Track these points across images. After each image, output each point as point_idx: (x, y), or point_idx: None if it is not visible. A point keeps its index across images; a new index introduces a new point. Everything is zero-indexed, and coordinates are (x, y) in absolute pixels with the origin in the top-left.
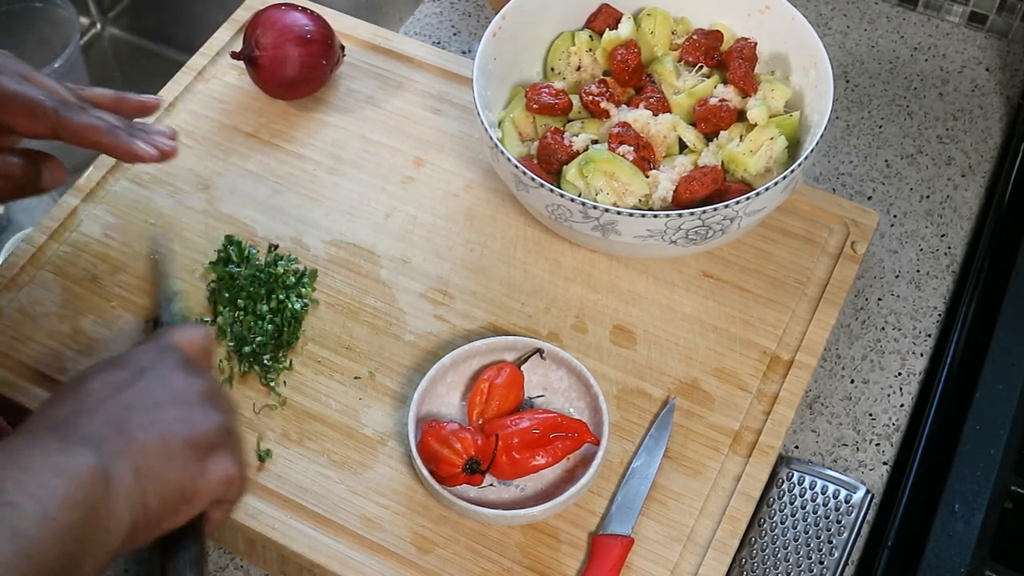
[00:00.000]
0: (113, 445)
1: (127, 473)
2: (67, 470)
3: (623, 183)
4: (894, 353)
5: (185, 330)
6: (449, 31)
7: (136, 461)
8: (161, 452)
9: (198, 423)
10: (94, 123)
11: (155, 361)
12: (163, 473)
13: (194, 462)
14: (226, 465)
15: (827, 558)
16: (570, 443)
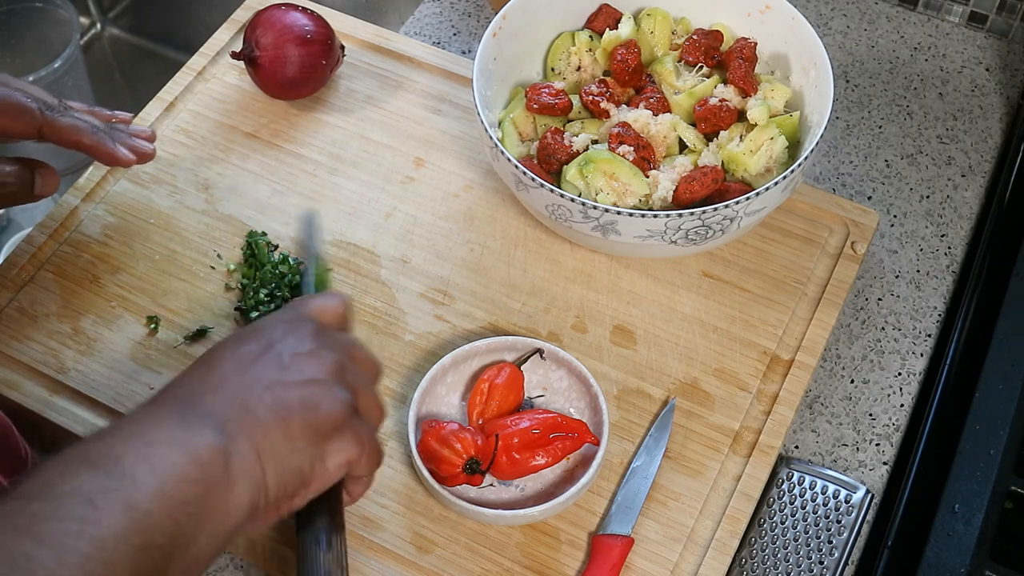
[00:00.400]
0: (235, 424)
1: (248, 453)
2: (187, 447)
3: (623, 183)
4: (894, 353)
5: (320, 298)
6: (449, 31)
7: (258, 442)
8: (282, 434)
9: (322, 405)
10: (77, 124)
11: (286, 333)
12: (282, 456)
13: (313, 446)
14: (346, 449)
15: (827, 558)
16: (570, 443)
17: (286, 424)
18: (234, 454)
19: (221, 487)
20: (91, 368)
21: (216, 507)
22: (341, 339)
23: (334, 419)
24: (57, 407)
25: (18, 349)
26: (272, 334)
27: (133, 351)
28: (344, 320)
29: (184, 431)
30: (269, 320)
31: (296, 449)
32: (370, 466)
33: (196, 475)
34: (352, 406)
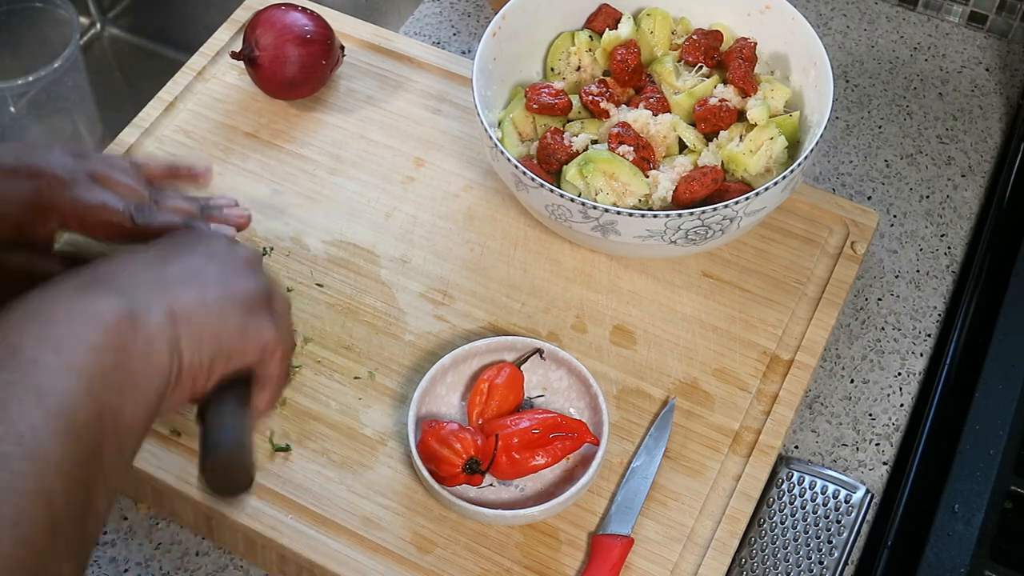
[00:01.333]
0: (144, 291)
1: (160, 315)
2: (90, 315)
3: (623, 183)
4: (894, 353)
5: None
6: (449, 31)
7: (171, 305)
8: (198, 300)
9: (238, 282)
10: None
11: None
12: (200, 320)
13: (232, 317)
14: (265, 328)
15: (827, 558)
16: (570, 443)
17: (201, 293)
18: (143, 315)
19: (135, 350)
20: None
21: (135, 372)
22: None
23: (252, 296)
24: None
25: None
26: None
27: None
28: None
29: (83, 299)
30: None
31: (211, 314)
32: (282, 367)
33: (105, 342)
34: (267, 292)
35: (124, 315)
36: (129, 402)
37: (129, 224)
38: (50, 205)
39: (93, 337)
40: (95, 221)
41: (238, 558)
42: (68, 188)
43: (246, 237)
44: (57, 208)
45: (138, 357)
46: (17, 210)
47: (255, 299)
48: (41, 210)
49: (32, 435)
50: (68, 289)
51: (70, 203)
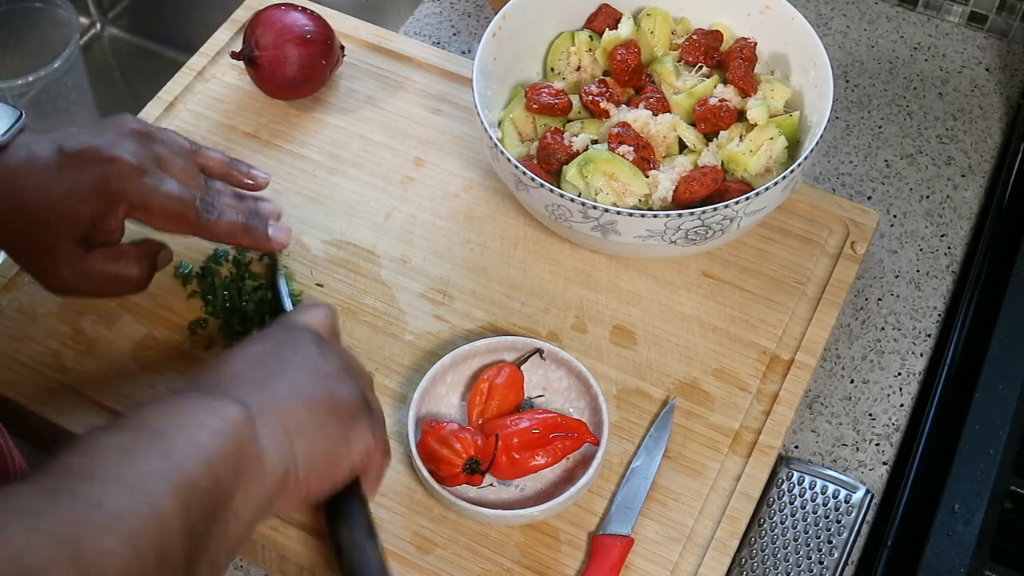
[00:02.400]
0: (259, 402)
1: (276, 426)
2: (213, 411)
3: (623, 183)
4: (894, 353)
5: (310, 309)
6: (449, 31)
7: (284, 418)
8: (307, 414)
9: (339, 393)
10: (233, 227)
11: (290, 337)
12: (310, 434)
13: (337, 430)
14: (366, 436)
15: (827, 558)
16: (570, 443)
17: (310, 406)
18: (262, 425)
19: (252, 446)
20: (91, 368)
21: (251, 465)
22: (337, 347)
23: (352, 407)
24: (57, 407)
25: (18, 349)
26: (277, 339)
27: (133, 351)
28: (334, 329)
29: (206, 400)
30: (270, 329)
31: (322, 429)
32: (383, 461)
33: (228, 431)
34: (364, 397)
35: (245, 420)
36: (241, 491)
37: (193, 222)
38: (120, 194)
39: (217, 426)
40: (160, 211)
41: (238, 558)
42: (137, 175)
43: None
44: (127, 197)
45: (254, 454)
46: (90, 201)
47: (353, 409)
48: (112, 200)
49: (153, 491)
50: (191, 394)
51: (137, 191)
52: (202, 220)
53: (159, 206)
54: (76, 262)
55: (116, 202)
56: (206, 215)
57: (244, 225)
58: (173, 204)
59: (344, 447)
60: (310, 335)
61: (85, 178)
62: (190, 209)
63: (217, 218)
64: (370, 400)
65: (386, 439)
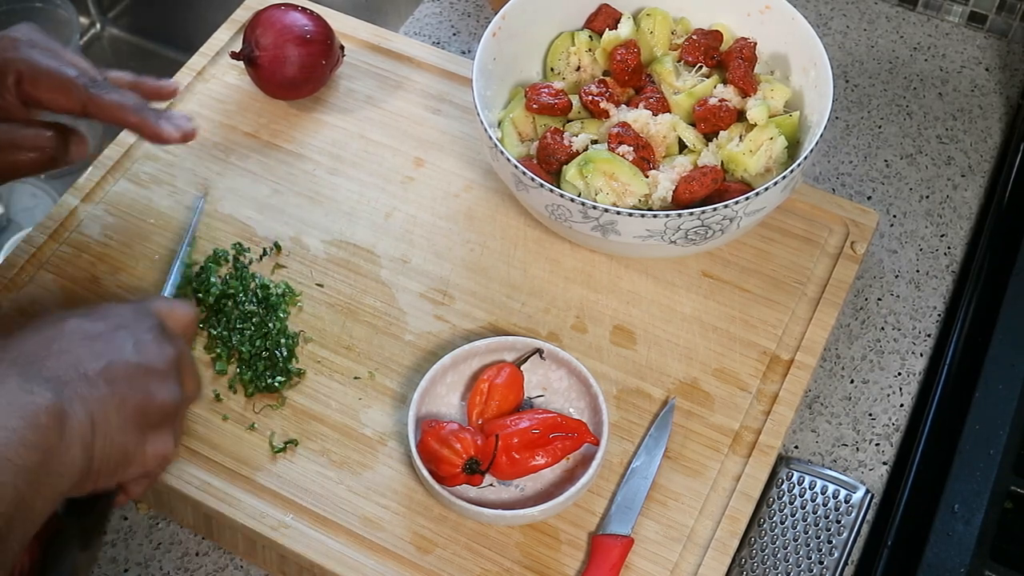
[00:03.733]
0: (75, 388)
1: (84, 419)
2: (27, 410)
3: (623, 183)
4: (894, 353)
5: (172, 303)
6: (449, 31)
7: (93, 410)
8: (117, 410)
9: (157, 394)
10: (123, 101)
11: (132, 321)
12: (113, 429)
13: (140, 431)
14: (166, 443)
15: (827, 558)
16: (570, 443)
17: (122, 401)
18: (70, 416)
19: (57, 450)
20: None
21: (52, 470)
22: (179, 346)
23: (165, 410)
24: None
25: None
26: (119, 319)
27: None
28: (189, 330)
29: (24, 393)
30: (117, 306)
31: (125, 427)
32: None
33: (35, 440)
34: (179, 405)
35: (55, 414)
36: (41, 497)
37: (82, 96)
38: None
39: (25, 435)
40: (48, 84)
41: (238, 558)
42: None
43: (247, 237)
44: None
45: (58, 457)
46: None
47: (167, 413)
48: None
49: None
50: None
51: (25, 61)
52: (91, 91)
53: (46, 79)
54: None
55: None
56: (95, 88)
57: (134, 106)
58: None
59: (141, 448)
60: (153, 323)
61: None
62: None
63: (105, 92)
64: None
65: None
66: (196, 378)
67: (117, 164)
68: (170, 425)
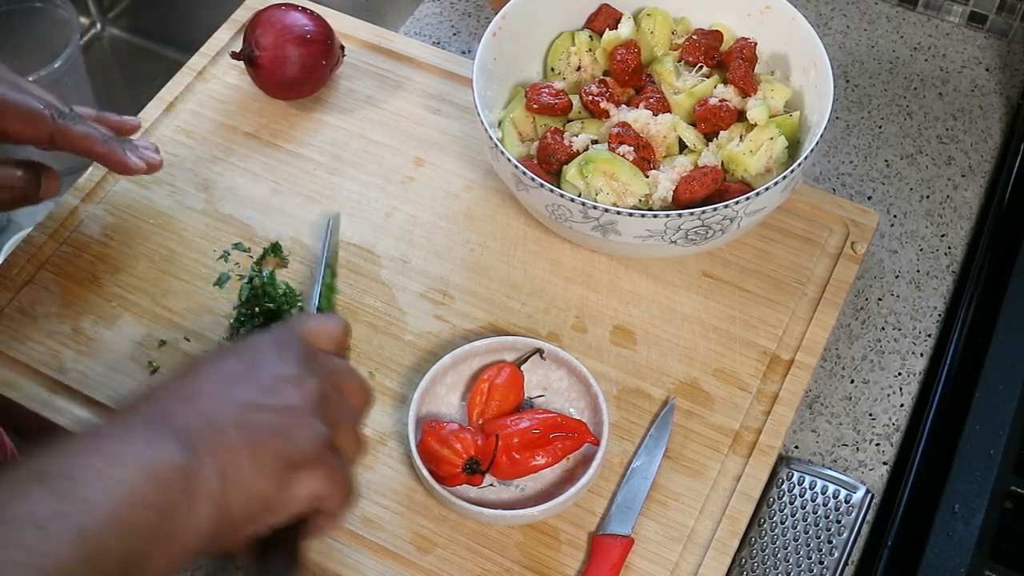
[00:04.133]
0: (204, 441)
1: (213, 474)
2: (148, 466)
3: (623, 183)
4: (894, 353)
5: (318, 319)
6: (449, 31)
7: (224, 464)
8: (251, 458)
9: (296, 436)
10: (90, 132)
11: (273, 355)
12: (249, 480)
13: (281, 475)
14: (315, 484)
15: (827, 558)
16: (570, 443)
17: (256, 449)
18: (198, 474)
19: (181, 509)
20: (91, 368)
21: (174, 530)
22: (332, 365)
23: (307, 451)
24: (57, 407)
25: (18, 349)
26: (257, 353)
27: (133, 351)
28: (341, 345)
29: (148, 446)
30: (259, 337)
31: (263, 476)
32: (340, 503)
33: (155, 499)
34: (328, 440)
35: (180, 472)
36: (161, 555)
37: (48, 127)
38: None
39: (144, 492)
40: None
41: (238, 558)
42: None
43: (247, 237)
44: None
45: (181, 517)
46: None
47: (311, 454)
48: None
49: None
50: (138, 427)
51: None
52: (58, 122)
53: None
54: None
55: None
56: (61, 119)
57: (101, 136)
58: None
59: (287, 493)
60: (300, 351)
61: None
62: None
63: (72, 124)
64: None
65: (350, 481)
66: (363, 389)
67: None
68: (321, 465)
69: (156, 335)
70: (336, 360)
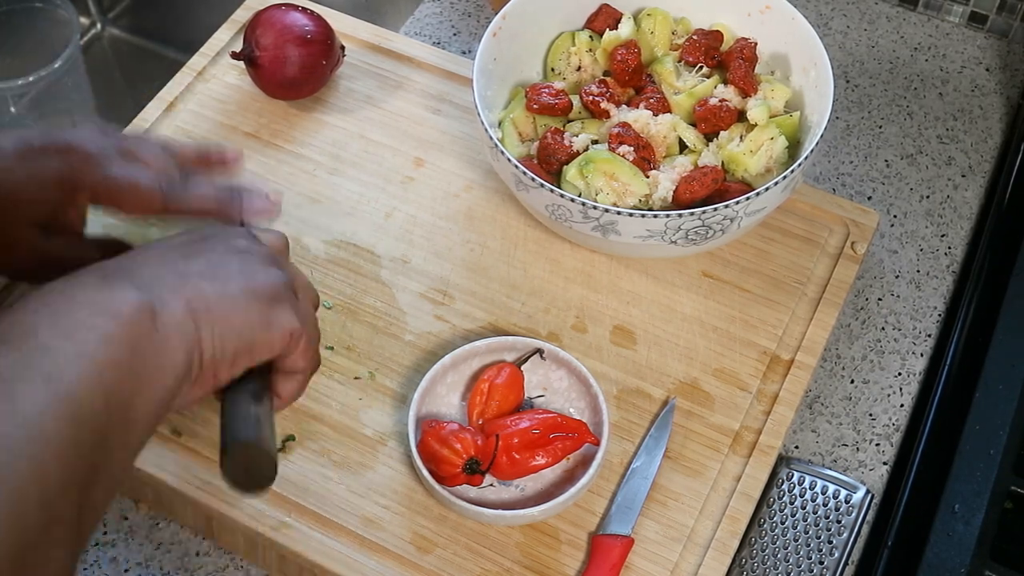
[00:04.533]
0: (164, 284)
1: (179, 310)
2: (106, 307)
3: (623, 183)
4: (894, 353)
5: (261, 230)
6: (449, 31)
7: (191, 300)
8: (219, 294)
9: (260, 275)
10: (204, 196)
11: (221, 231)
12: (221, 314)
13: (255, 309)
14: (289, 319)
15: (827, 558)
16: (570, 443)
17: (224, 286)
18: (162, 310)
19: (149, 343)
20: None
21: (148, 365)
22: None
23: (276, 288)
24: None
25: None
26: (206, 231)
27: None
28: (284, 255)
29: (102, 292)
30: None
31: (236, 309)
32: (307, 357)
33: (119, 334)
34: (290, 284)
35: (141, 309)
36: (140, 396)
37: (160, 201)
38: (80, 182)
39: (108, 328)
40: (125, 198)
41: (238, 558)
42: (98, 163)
43: None
44: (88, 185)
45: (152, 352)
46: (50, 189)
47: (277, 290)
48: (72, 188)
49: (35, 418)
50: (89, 280)
51: (101, 179)
52: (168, 196)
53: (122, 193)
54: (34, 248)
55: (76, 191)
56: (172, 195)
57: (216, 195)
58: (136, 189)
59: (262, 329)
60: (245, 232)
61: (45, 166)
62: (153, 192)
63: (183, 198)
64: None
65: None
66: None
67: None
68: (290, 303)
69: None
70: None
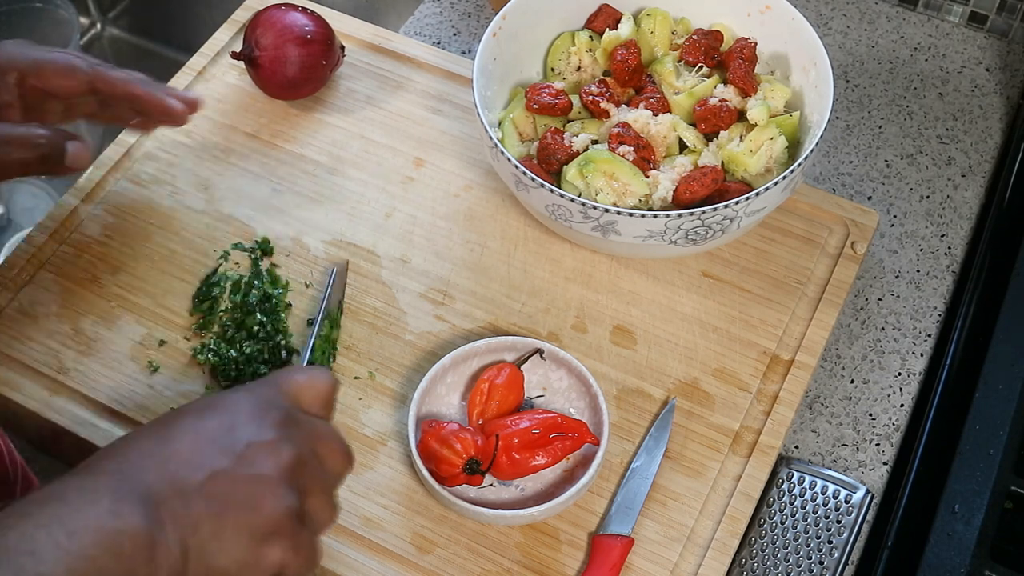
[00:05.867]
0: (169, 509)
1: (175, 547)
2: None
3: (623, 183)
4: (894, 353)
5: (306, 374)
6: (449, 31)
7: (186, 536)
8: (213, 532)
9: (265, 507)
10: (129, 75)
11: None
12: (209, 554)
13: (246, 547)
14: (281, 555)
15: (827, 558)
16: (570, 443)
17: (220, 521)
18: (159, 544)
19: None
20: (91, 368)
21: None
22: (312, 428)
23: (273, 522)
24: (57, 407)
25: (18, 349)
26: (236, 414)
27: (133, 351)
28: (327, 403)
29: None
30: (240, 394)
31: (225, 550)
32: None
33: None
34: (295, 511)
35: (143, 542)
36: None
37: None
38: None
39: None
40: (53, 70)
41: None
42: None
43: (247, 237)
44: (14, 64)
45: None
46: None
47: (279, 524)
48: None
49: None
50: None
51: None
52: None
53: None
54: None
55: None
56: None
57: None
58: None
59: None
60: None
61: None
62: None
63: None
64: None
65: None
66: (343, 453)
67: (117, 164)
68: (286, 537)
69: (156, 335)
70: (318, 423)
